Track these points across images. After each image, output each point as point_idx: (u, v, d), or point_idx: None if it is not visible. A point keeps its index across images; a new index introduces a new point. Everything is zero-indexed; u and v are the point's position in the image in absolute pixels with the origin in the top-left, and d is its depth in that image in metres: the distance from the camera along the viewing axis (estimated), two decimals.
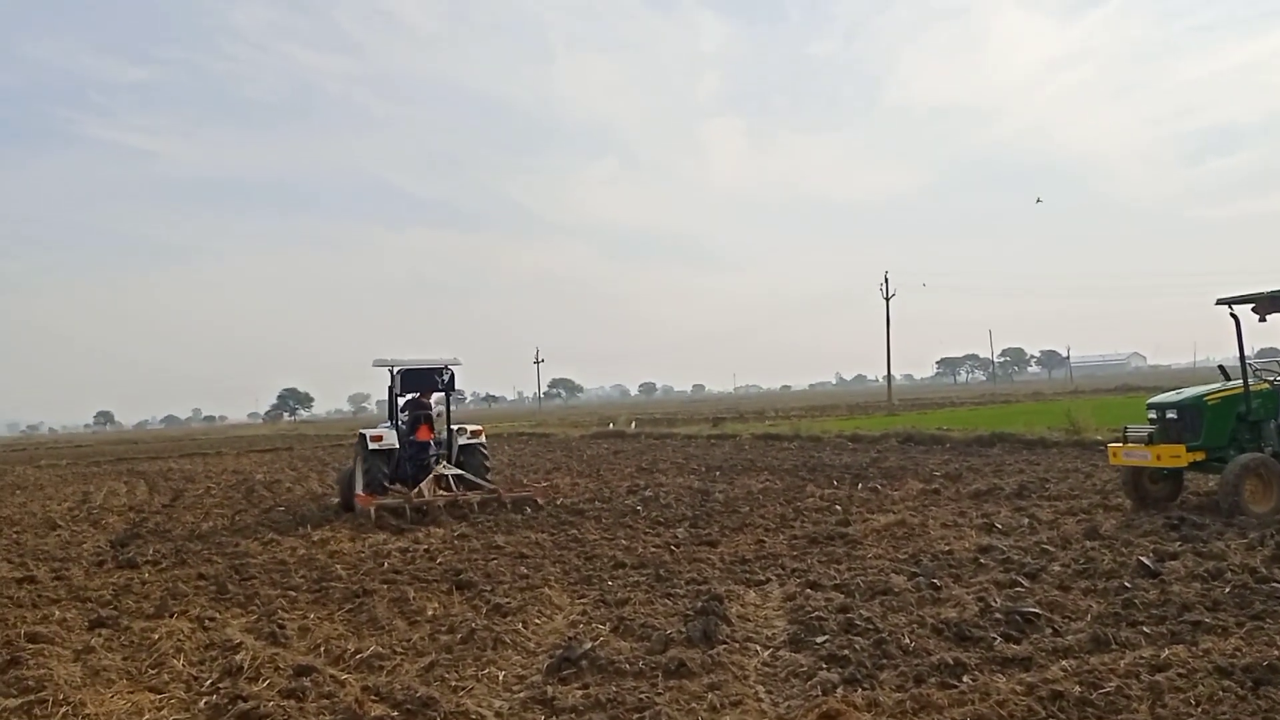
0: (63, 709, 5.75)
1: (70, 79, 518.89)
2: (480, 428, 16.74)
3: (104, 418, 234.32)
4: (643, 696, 5.55)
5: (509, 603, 8.08)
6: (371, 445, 15.38)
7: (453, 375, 16.44)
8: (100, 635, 7.77)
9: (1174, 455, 10.77)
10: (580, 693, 5.72)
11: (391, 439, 15.56)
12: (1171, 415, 11.08)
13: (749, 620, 7.32)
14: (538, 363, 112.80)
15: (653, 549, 10.65)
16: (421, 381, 16.39)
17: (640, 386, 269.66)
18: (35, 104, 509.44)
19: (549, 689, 5.80)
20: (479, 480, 15.61)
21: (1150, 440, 11.11)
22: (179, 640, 7.37)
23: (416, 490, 14.89)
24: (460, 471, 15.62)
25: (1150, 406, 11.54)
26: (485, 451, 16.40)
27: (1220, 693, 4.98)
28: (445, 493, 14.98)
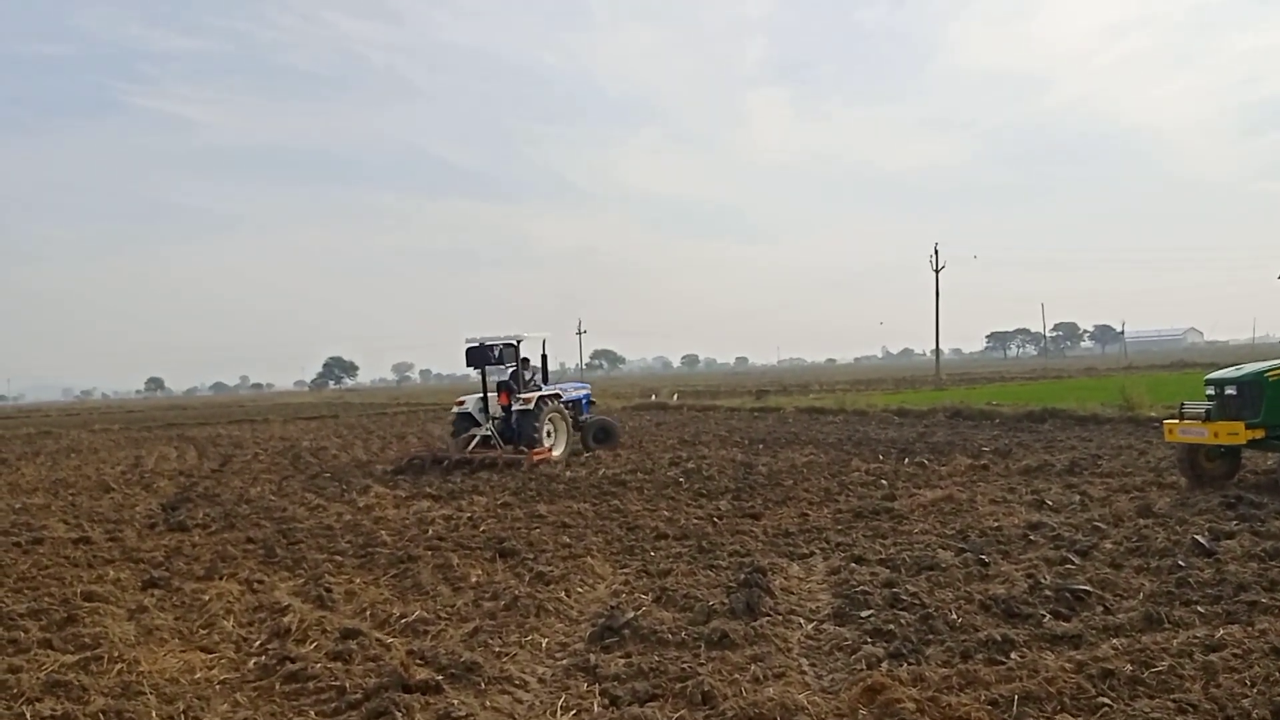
0: (117, 665, 5.89)
1: (120, 49, 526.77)
2: (533, 395, 18.13)
3: (154, 384, 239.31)
4: (685, 666, 5.54)
5: (551, 571, 8.11)
6: (454, 409, 19.11)
7: (504, 349, 18.32)
8: (153, 595, 7.95)
9: (1232, 433, 10.49)
10: (623, 661, 5.72)
11: (470, 403, 18.62)
12: (1230, 391, 10.80)
13: (792, 593, 7.28)
14: (579, 334, 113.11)
15: (695, 520, 10.63)
16: (480, 357, 18.33)
17: (683, 358, 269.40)
18: (86, 74, 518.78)
19: (592, 657, 5.81)
20: (498, 443, 17.79)
21: (1208, 417, 10.84)
22: (228, 602, 7.51)
23: (444, 447, 18.09)
24: (489, 433, 17.93)
25: (1208, 383, 11.25)
26: (538, 418, 17.89)
27: (1276, 673, 4.85)
28: (476, 452, 17.40)
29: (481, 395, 18.41)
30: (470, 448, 17.69)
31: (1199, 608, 6.11)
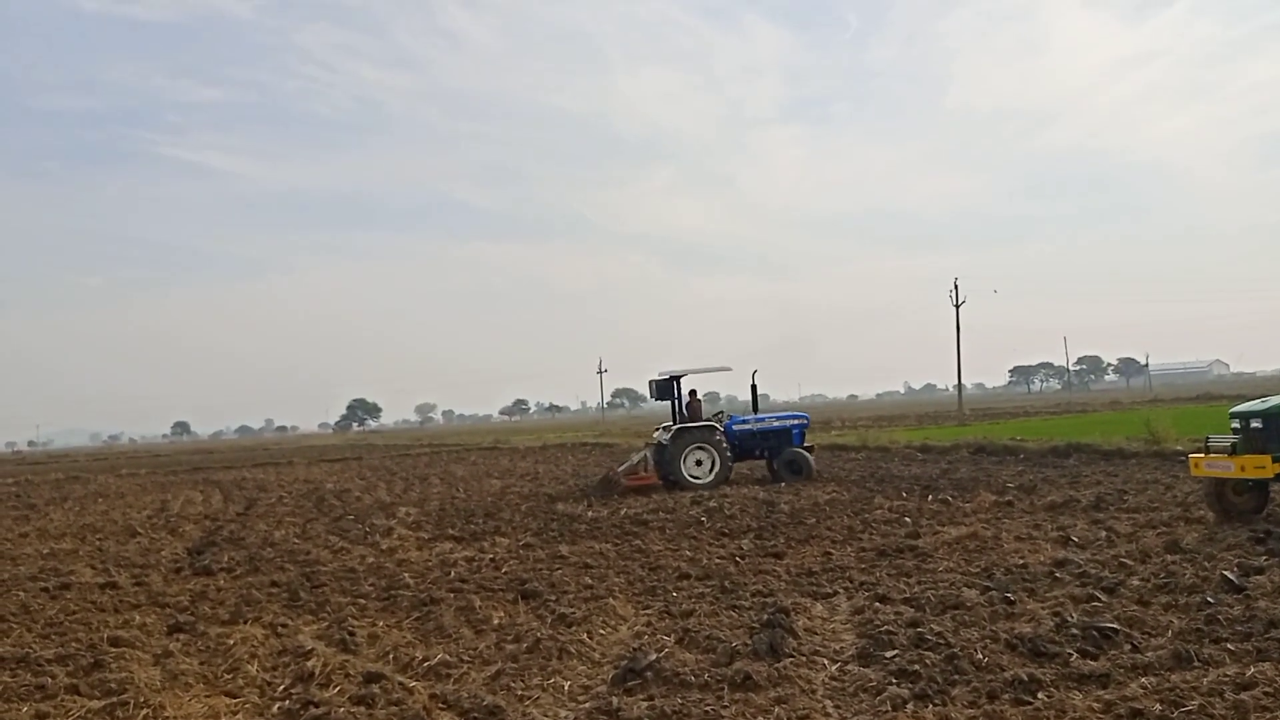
0: (144, 711, 5.92)
1: (146, 100, 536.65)
2: (671, 426, 19.83)
3: (181, 428, 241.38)
4: (708, 709, 5.51)
5: (574, 613, 8.10)
6: (655, 434, 21.36)
7: (660, 384, 20.17)
8: (178, 640, 7.99)
9: (1259, 466, 10.37)
10: (646, 704, 5.69)
11: (658, 435, 20.50)
12: (1256, 424, 10.68)
13: (816, 633, 7.23)
14: (601, 373, 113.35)
15: (718, 560, 10.59)
16: (650, 390, 20.64)
17: (704, 396, 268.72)
18: (114, 126, 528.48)
19: (614, 700, 5.79)
20: (635, 468, 19.93)
21: (1234, 450, 10.72)
22: (253, 646, 7.54)
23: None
24: (638, 459, 20.19)
25: (1234, 415, 11.14)
26: (672, 449, 19.46)
27: None
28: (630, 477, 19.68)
29: (669, 424, 20.20)
30: (621, 469, 20.11)
31: (1229, 645, 6.03)
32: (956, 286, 66.13)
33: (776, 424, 20.80)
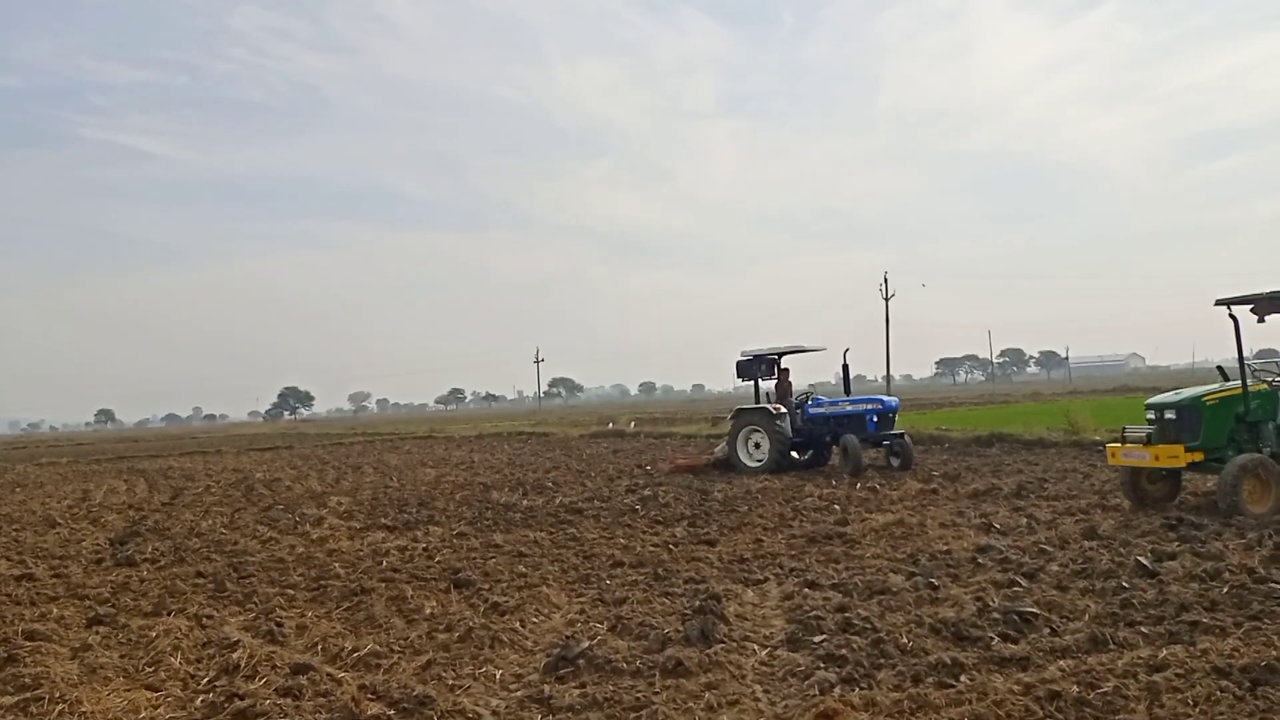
0: (59, 706, 5.74)
1: (70, 81, 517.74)
2: (736, 409, 19.99)
3: (105, 416, 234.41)
4: (640, 695, 5.54)
5: (507, 601, 8.07)
6: None
7: (742, 365, 19.98)
8: (98, 633, 7.77)
9: (1172, 456, 10.76)
10: (577, 692, 5.71)
11: None
12: (1170, 416, 11.07)
13: (747, 619, 7.31)
14: (538, 362, 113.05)
15: (651, 548, 10.64)
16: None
17: (640, 386, 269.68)
18: (34, 106, 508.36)
19: (546, 688, 5.79)
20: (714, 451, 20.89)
21: (1149, 441, 11.10)
22: (176, 638, 7.36)
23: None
24: (720, 443, 21.34)
25: (1149, 407, 11.53)
26: (731, 430, 19.77)
27: (1218, 693, 4.96)
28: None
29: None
30: (716, 450, 20.73)
31: (1143, 628, 6.24)
32: (886, 280, 67.27)
33: (849, 408, 19.17)
